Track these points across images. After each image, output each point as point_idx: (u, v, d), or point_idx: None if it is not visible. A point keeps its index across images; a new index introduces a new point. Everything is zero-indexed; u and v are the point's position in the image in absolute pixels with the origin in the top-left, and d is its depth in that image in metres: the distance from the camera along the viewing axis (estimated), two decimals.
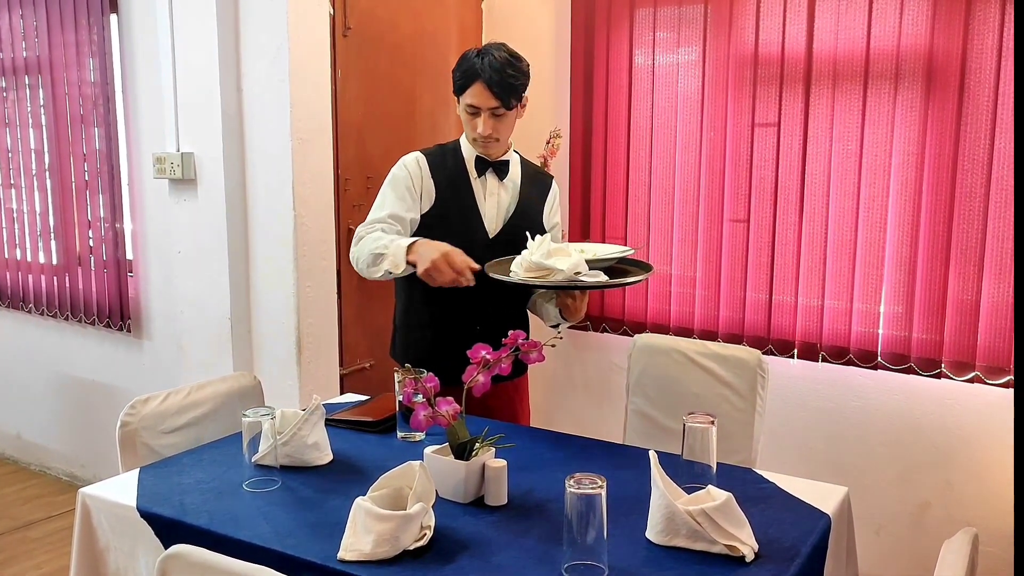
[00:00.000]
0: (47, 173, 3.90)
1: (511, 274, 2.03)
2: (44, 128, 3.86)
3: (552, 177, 2.49)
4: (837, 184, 2.91)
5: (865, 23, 2.79)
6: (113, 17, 3.53)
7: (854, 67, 2.83)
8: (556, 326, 2.36)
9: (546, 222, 2.39)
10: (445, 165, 2.29)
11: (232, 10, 2.83)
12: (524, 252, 2.03)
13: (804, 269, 2.99)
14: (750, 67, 3.01)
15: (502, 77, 2.14)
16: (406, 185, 2.26)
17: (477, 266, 2.06)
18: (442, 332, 2.31)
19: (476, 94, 2.17)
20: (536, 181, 2.40)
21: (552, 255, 1.99)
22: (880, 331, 2.89)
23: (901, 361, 2.87)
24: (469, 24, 3.51)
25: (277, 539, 1.59)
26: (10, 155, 4.05)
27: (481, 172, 2.30)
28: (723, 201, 3.12)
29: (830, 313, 2.96)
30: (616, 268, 2.14)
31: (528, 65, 2.22)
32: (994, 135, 2.65)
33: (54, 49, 3.72)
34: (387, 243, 2.14)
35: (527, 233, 2.09)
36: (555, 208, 2.44)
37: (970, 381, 2.76)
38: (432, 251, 2.04)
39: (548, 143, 3.43)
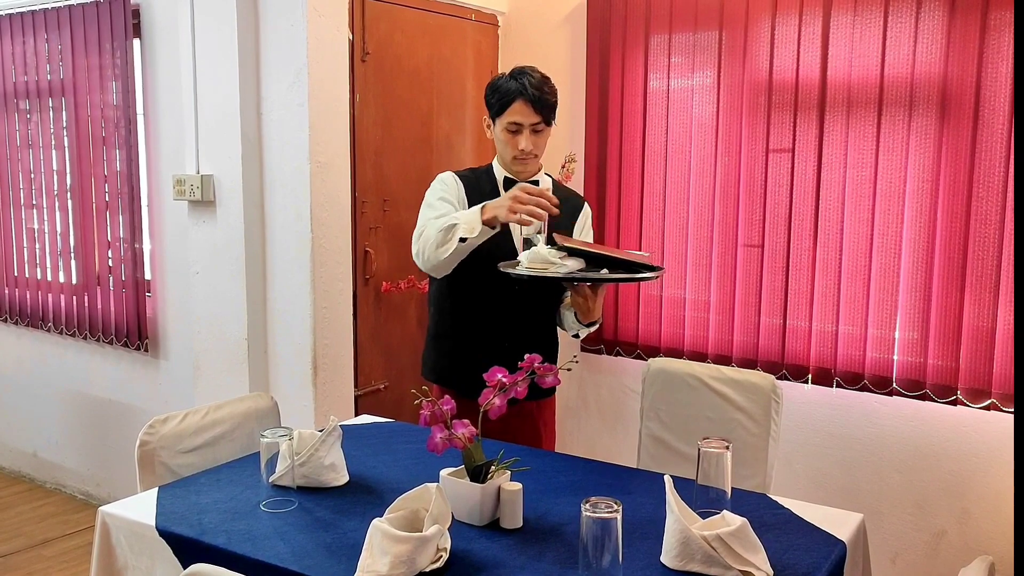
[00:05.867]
0: (68, 194, 3.95)
1: (518, 266, 2.08)
2: (66, 149, 3.92)
3: (584, 199, 2.54)
4: (851, 210, 2.91)
5: (879, 50, 2.81)
6: (136, 42, 3.59)
7: (868, 94, 2.85)
8: (577, 336, 2.43)
9: None
10: (478, 184, 2.36)
11: (252, 35, 2.87)
12: (534, 248, 2.08)
13: (818, 294, 2.99)
14: (764, 93, 3.03)
15: (542, 94, 2.25)
16: (445, 195, 2.32)
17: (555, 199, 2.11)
18: (470, 344, 2.35)
19: (519, 111, 2.25)
20: (568, 203, 2.42)
21: (567, 258, 2.04)
22: (895, 357, 2.89)
23: (916, 387, 2.86)
24: (485, 49, 3.55)
25: (294, 559, 1.60)
26: (32, 176, 4.11)
27: None
28: (737, 226, 3.13)
29: (844, 339, 2.96)
30: (628, 270, 2.17)
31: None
32: (1008, 162, 2.66)
33: (77, 72, 3.78)
34: (455, 216, 2.17)
35: (552, 235, 2.13)
36: (587, 228, 2.49)
37: (986, 408, 2.75)
38: (503, 198, 2.11)
39: (563, 167, 3.43)
